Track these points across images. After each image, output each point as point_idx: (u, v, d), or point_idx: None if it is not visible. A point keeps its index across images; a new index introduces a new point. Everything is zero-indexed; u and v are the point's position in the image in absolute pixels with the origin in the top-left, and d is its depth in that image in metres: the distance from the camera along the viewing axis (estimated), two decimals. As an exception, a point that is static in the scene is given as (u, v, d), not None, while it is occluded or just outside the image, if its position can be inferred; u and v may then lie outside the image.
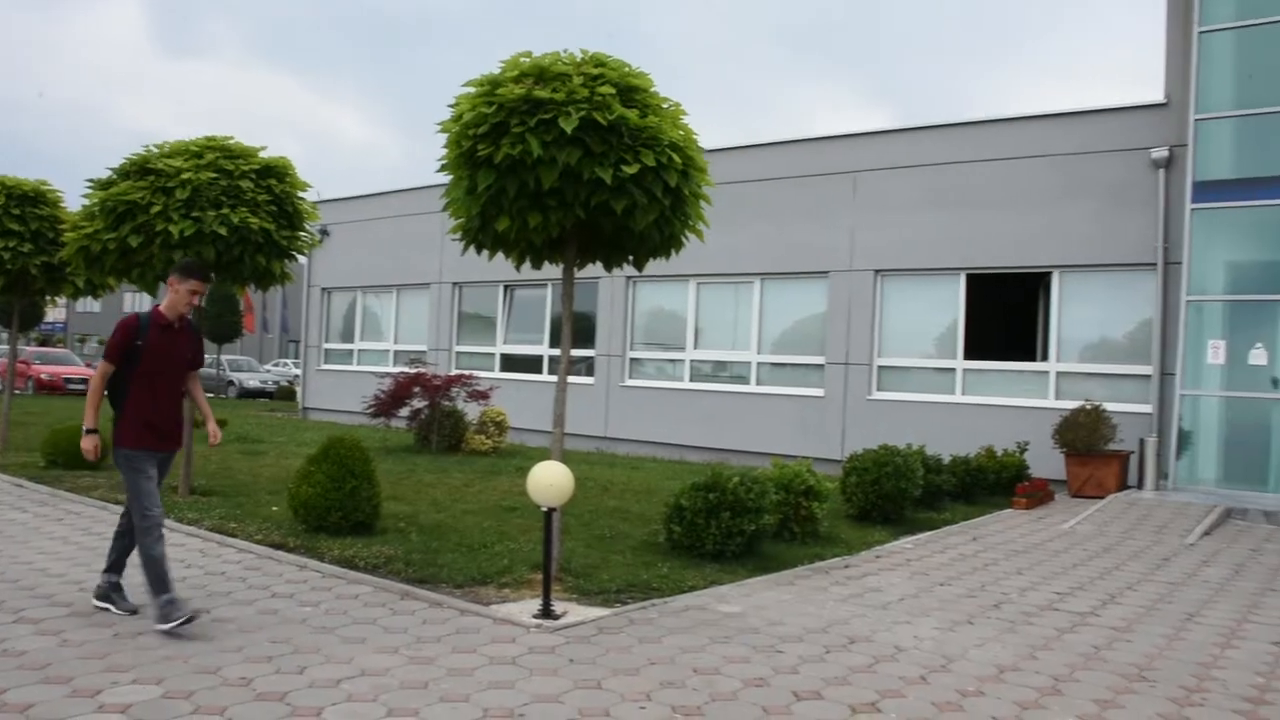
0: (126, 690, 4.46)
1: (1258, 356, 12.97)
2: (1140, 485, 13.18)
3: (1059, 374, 14.72)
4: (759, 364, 17.40)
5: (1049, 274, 15.01)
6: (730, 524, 7.59)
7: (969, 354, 15.41)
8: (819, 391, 16.50)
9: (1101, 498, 12.49)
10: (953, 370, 15.47)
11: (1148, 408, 13.82)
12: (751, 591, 6.93)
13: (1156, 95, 14.36)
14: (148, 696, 4.40)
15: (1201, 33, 13.69)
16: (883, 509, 10.09)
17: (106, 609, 5.73)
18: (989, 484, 12.68)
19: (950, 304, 15.56)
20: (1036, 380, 14.94)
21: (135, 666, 4.78)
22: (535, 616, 5.91)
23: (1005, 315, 16.40)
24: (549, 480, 5.78)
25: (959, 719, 4.53)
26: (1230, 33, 13.78)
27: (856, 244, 16.32)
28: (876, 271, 16.14)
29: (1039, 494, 12.47)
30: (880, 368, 16.10)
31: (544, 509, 5.96)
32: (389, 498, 9.50)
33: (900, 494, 10.06)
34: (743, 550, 7.74)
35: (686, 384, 18.22)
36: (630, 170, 6.39)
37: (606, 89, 6.49)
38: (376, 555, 7.41)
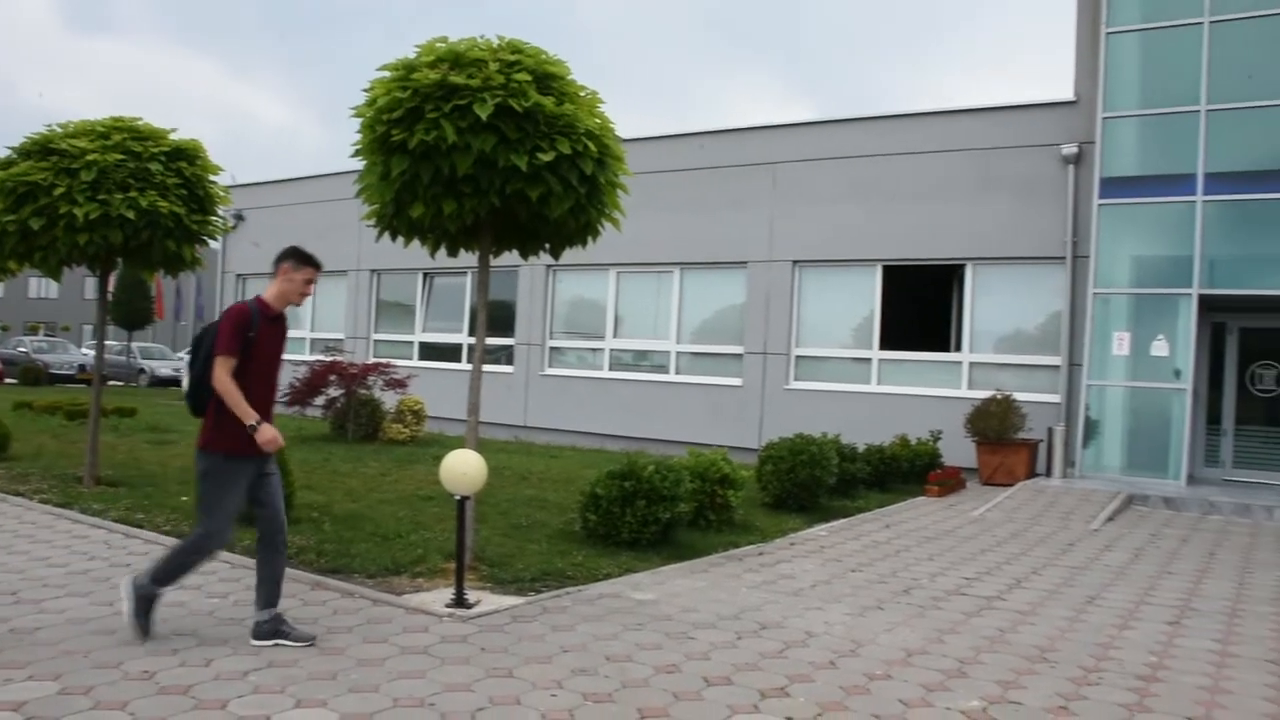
0: (20, 687, 4.33)
1: (1159, 348, 13.40)
2: (1049, 473, 13.53)
3: (972, 364, 15.05)
4: (678, 353, 17.49)
5: (962, 266, 15.32)
6: (645, 512, 7.63)
7: (884, 344, 15.68)
8: (737, 381, 16.65)
9: (1011, 485, 12.81)
10: (869, 360, 15.72)
11: (1056, 397, 14.20)
12: (666, 579, 6.97)
13: (1067, 93, 14.73)
14: (44, 693, 4.27)
15: (1109, 34, 14.07)
16: (798, 497, 10.21)
17: (279, 644, 5.06)
18: (903, 472, 12.91)
19: (866, 295, 15.81)
20: (950, 370, 15.25)
21: (31, 663, 4.64)
22: (448, 606, 5.88)
23: (920, 306, 16.69)
24: (461, 469, 5.74)
25: (866, 702, 4.61)
26: (1136, 34, 14.19)
27: (775, 235, 16.47)
28: (795, 262, 16.32)
29: (951, 482, 12.74)
30: (798, 357, 16.30)
31: (457, 498, 5.92)
32: (303, 487, 9.35)
33: (815, 482, 10.19)
34: (658, 538, 7.78)
35: (606, 373, 18.24)
36: (545, 158, 6.36)
37: (522, 76, 6.45)
38: (288, 545, 7.29)
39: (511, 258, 7.86)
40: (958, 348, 15.42)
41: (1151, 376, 13.50)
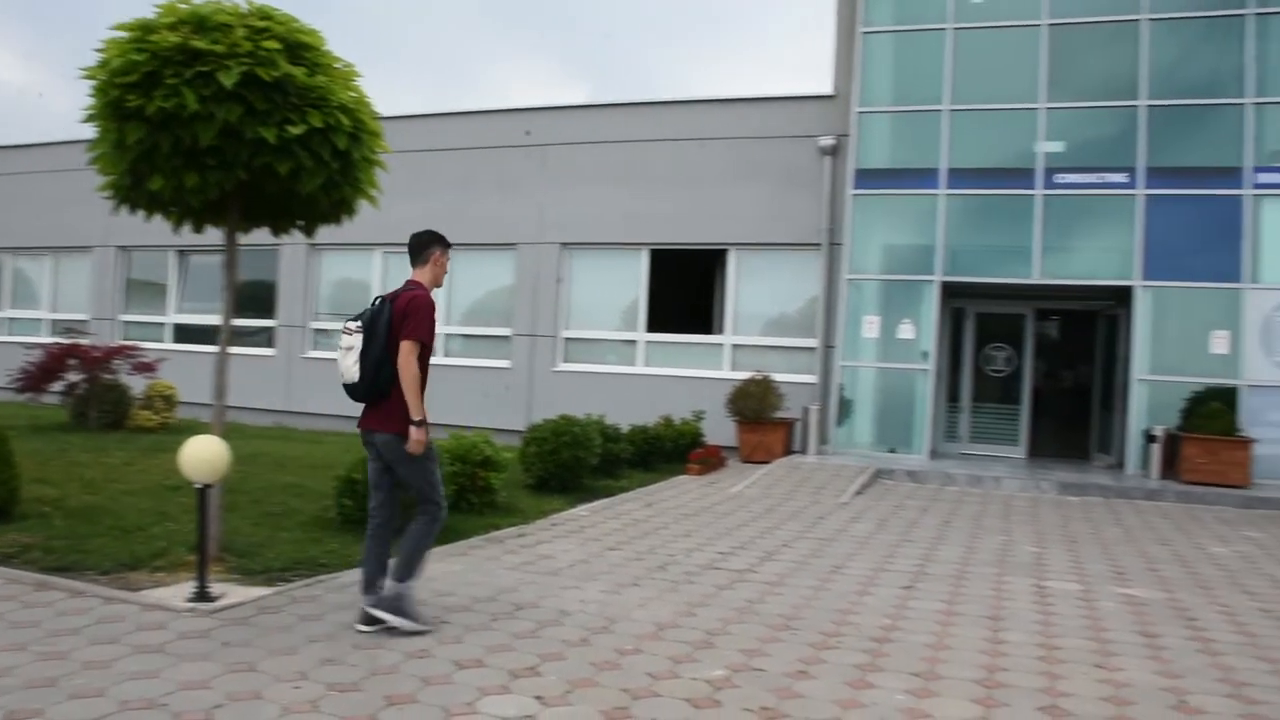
0: None
1: (905, 331, 14.26)
2: (805, 450, 14.15)
3: (734, 346, 15.56)
4: (447, 335, 17.24)
5: (726, 251, 15.79)
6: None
7: (651, 327, 16.00)
8: (506, 363, 16.60)
9: (770, 462, 13.32)
10: (635, 342, 15.99)
11: (813, 378, 14.86)
12: (423, 564, 6.87)
13: (826, 88, 15.40)
14: None
15: (865, 33, 14.80)
16: (561, 478, 10.27)
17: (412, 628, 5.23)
18: (666, 452, 13.19)
19: (634, 278, 16.07)
20: (713, 352, 15.71)
21: None
22: (189, 600, 5.58)
23: (685, 290, 17.12)
24: (202, 455, 5.46)
25: (615, 676, 4.69)
26: (889, 35, 15.00)
27: (544, 217, 16.49)
28: (563, 245, 16.39)
29: (712, 460, 13.12)
30: (566, 340, 16.39)
31: (198, 486, 5.63)
32: (33, 480, 8.69)
33: (578, 463, 10.29)
34: (418, 522, 7.64)
35: (373, 356, 17.77)
36: (295, 131, 6.10)
37: (272, 44, 6.15)
38: (10, 544, 6.75)
39: (275, 236, 7.52)
40: (721, 330, 15.91)
41: (899, 358, 14.34)
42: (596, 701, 4.36)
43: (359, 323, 5.29)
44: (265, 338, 18.71)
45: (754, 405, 13.89)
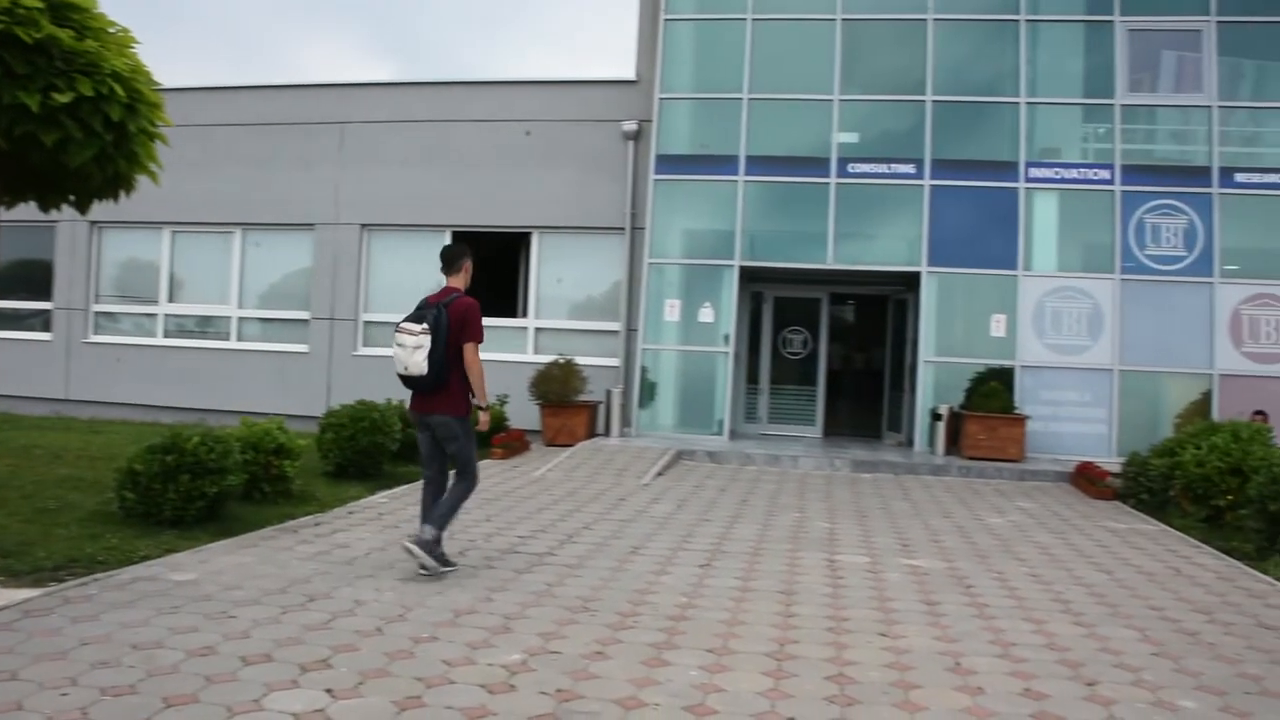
0: None
1: (705, 314, 14.56)
2: (608, 433, 14.27)
3: (537, 329, 15.53)
4: (240, 319, 16.53)
5: (530, 234, 15.72)
6: (190, 487, 7.13)
7: (455, 310, 15.74)
8: (304, 347, 16.04)
9: (573, 445, 13.36)
10: (443, 326, 15.72)
11: (617, 361, 14.99)
12: (210, 557, 6.56)
13: (629, 73, 15.50)
14: None
15: (667, 20, 14.99)
16: (360, 464, 10.01)
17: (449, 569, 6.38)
18: (470, 436, 13.03)
19: (437, 260, 15.73)
20: (517, 336, 15.63)
21: None
22: (-58, 604, 5.16)
23: (489, 273, 16.91)
24: (-46, 447, 5.04)
25: (409, 665, 4.60)
26: (691, 23, 15.24)
27: (343, 197, 16.01)
28: (364, 226, 15.95)
29: (515, 444, 13.05)
30: (366, 323, 15.98)
31: (-49, 480, 5.20)
32: None
33: (377, 449, 10.06)
34: (205, 514, 7.29)
35: (160, 340, 16.87)
36: (62, 99, 5.67)
37: (33, 2, 5.71)
38: None
39: (43, 212, 6.99)
40: (524, 314, 15.84)
41: (700, 341, 14.64)
42: (389, 692, 4.26)
43: (423, 324, 6.27)
44: (42, 321, 17.46)
45: (557, 389, 13.91)
